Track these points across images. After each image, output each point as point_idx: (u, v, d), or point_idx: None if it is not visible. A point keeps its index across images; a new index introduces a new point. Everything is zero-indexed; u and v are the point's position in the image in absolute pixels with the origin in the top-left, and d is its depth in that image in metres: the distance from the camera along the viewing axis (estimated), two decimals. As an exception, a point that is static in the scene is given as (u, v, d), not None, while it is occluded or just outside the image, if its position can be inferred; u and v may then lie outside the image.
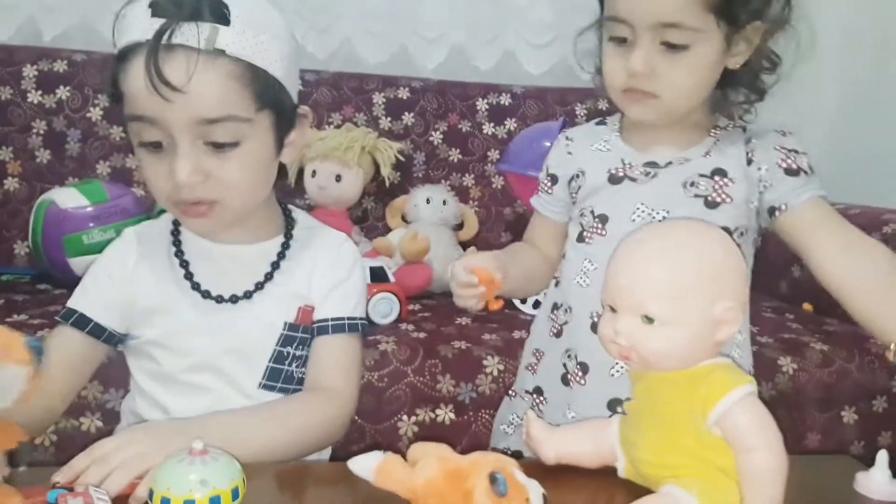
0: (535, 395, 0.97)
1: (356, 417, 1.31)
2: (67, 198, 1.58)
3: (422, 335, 1.46)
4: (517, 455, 0.95)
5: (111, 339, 0.86)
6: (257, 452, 0.73)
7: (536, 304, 1.70)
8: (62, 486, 0.59)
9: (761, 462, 0.60)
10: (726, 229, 0.81)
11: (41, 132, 1.87)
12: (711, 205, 0.86)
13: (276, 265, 0.86)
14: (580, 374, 0.90)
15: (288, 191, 1.90)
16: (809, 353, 1.49)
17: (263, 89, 0.78)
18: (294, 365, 0.86)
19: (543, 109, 2.16)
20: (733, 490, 0.63)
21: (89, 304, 0.85)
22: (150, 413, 0.85)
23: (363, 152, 1.81)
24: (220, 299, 0.84)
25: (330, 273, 0.88)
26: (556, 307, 0.96)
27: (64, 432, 1.22)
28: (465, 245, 1.94)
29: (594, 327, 0.88)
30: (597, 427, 0.75)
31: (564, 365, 0.92)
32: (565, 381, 0.92)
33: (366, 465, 0.65)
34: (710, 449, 0.64)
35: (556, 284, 0.98)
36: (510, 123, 2.14)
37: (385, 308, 1.55)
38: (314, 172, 1.81)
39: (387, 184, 1.88)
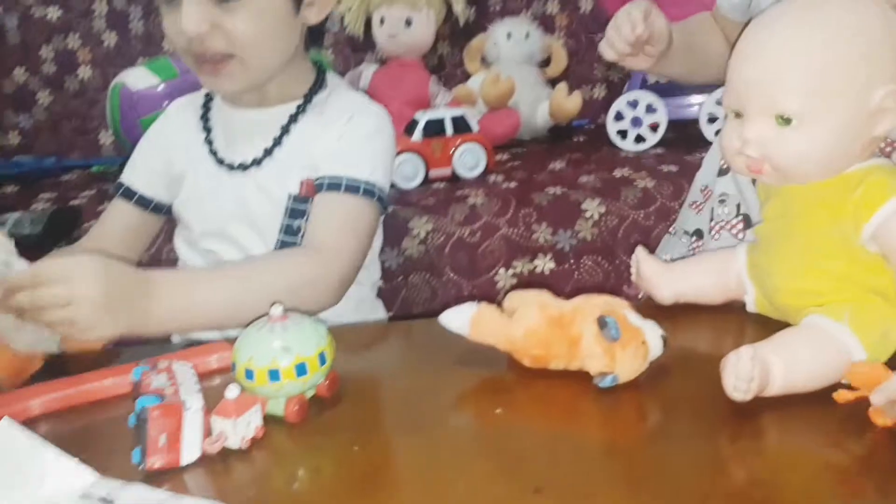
0: (693, 238, 0.86)
1: (452, 274, 1.28)
2: (137, 78, 1.58)
3: (512, 185, 1.39)
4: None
5: (160, 208, 0.88)
6: (220, 317, 0.68)
7: (639, 140, 1.57)
8: (147, 364, 0.57)
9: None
10: None
11: (103, 14, 1.83)
12: None
13: (286, 129, 0.81)
14: (740, 226, 0.78)
15: (356, 45, 1.79)
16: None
17: None
18: None
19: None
20: (893, 315, 0.53)
21: (135, 176, 0.88)
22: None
23: (432, -10, 1.66)
24: (230, 166, 0.82)
25: (338, 131, 0.80)
26: None
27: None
28: (553, 82, 1.79)
29: None
30: (719, 258, 0.67)
31: (712, 210, 0.80)
32: (707, 227, 0.81)
33: (459, 319, 0.60)
34: (864, 269, 0.54)
35: None
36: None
37: (471, 160, 1.48)
38: (382, 20, 1.69)
39: (461, 23, 1.73)
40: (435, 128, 1.46)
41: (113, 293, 0.60)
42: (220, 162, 0.82)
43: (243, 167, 0.81)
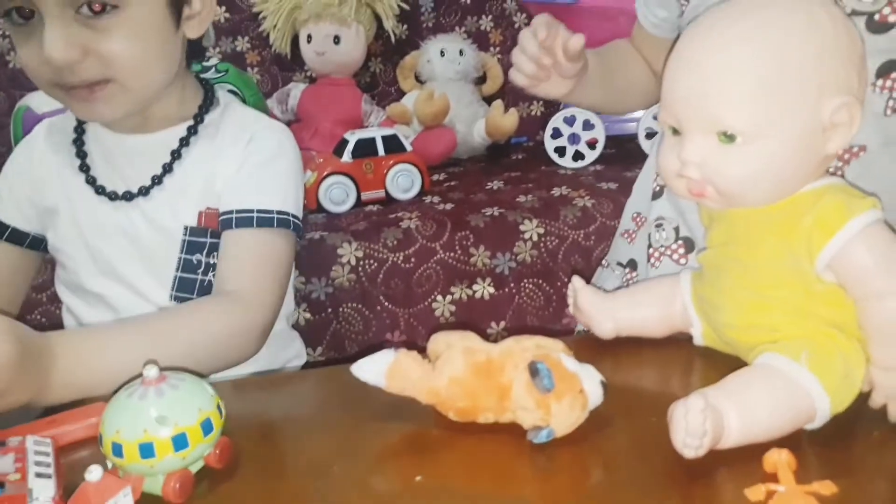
0: (627, 269, 0.79)
1: (386, 303, 1.21)
2: (42, 101, 1.49)
3: (448, 206, 1.33)
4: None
5: (36, 243, 0.79)
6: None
7: (578, 157, 1.53)
8: (-6, 440, 0.48)
9: (896, 309, 0.45)
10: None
11: (6, 34, 1.70)
12: (876, 28, 0.59)
13: (175, 155, 0.73)
14: (682, 250, 0.72)
15: (284, 64, 1.73)
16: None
17: None
18: (211, 273, 0.73)
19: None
20: (854, 350, 0.48)
21: (3, 209, 0.78)
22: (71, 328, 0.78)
23: (360, 5, 1.62)
24: (113, 196, 0.73)
25: (239, 156, 0.73)
26: None
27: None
28: (489, 100, 1.76)
29: None
30: (662, 287, 0.61)
31: (649, 236, 0.75)
32: (647, 255, 0.75)
33: (373, 369, 0.53)
34: (821, 301, 0.49)
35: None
36: (526, -52, 1.87)
37: (405, 182, 1.43)
38: (309, 37, 1.64)
39: (393, 39, 1.69)
40: (366, 148, 1.40)
41: (22, 355, 0.53)
42: (100, 191, 0.74)
43: (128, 197, 0.73)
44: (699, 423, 0.43)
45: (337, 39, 1.62)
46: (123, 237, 0.74)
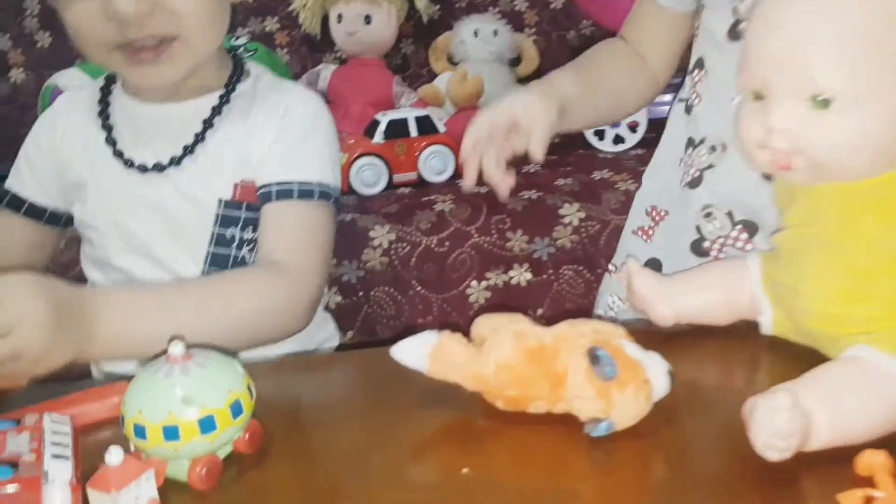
0: None
1: (419, 287, 1.20)
2: (70, 79, 1.53)
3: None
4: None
5: (56, 219, 0.77)
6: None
7: (618, 140, 1.49)
8: (7, 419, 0.45)
9: None
10: None
11: (35, 13, 1.75)
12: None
13: (208, 124, 0.71)
14: (744, 236, 0.66)
15: (314, 44, 1.74)
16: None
17: None
18: (245, 249, 0.72)
19: None
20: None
21: (22, 183, 0.76)
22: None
23: (392, -17, 1.62)
24: (143, 168, 0.71)
25: (275, 128, 0.72)
26: (691, 143, 0.71)
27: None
28: (523, 81, 1.73)
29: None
30: (727, 270, 0.56)
31: (698, 228, 0.69)
32: (699, 250, 0.69)
33: (415, 352, 0.49)
34: None
35: (688, 110, 0.72)
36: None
37: (438, 163, 1.42)
38: (339, 17, 1.65)
39: (425, 19, 1.70)
40: (398, 129, 1.39)
41: (59, 312, 0.52)
42: (129, 164, 0.72)
43: (159, 168, 0.71)
44: (786, 422, 0.39)
45: (368, 19, 1.62)
46: (154, 211, 0.72)
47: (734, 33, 0.65)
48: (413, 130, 1.39)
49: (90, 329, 0.55)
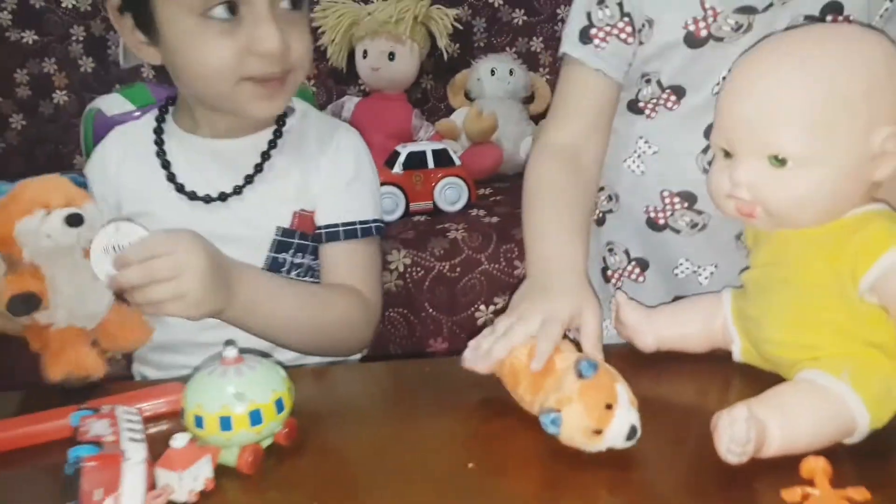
0: None
1: (430, 309, 1.25)
2: (112, 104, 1.53)
3: (494, 220, 1.36)
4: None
5: None
6: (292, 327, 0.70)
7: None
8: (87, 408, 0.53)
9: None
10: None
11: (80, 38, 1.80)
12: None
13: (266, 156, 0.76)
14: (637, 270, 0.77)
15: (339, 77, 1.79)
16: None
17: None
18: (294, 273, 0.77)
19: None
20: (894, 370, 0.50)
21: None
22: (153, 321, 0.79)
23: (416, 23, 1.65)
24: (207, 199, 0.75)
25: (332, 171, 0.77)
26: (598, 189, 0.78)
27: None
28: (536, 119, 1.78)
29: (652, 223, 0.73)
30: (704, 304, 0.63)
31: (604, 259, 0.79)
32: (605, 276, 0.79)
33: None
34: (863, 322, 0.51)
35: None
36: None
37: (453, 194, 1.47)
38: (365, 53, 1.68)
39: (445, 57, 1.72)
40: (416, 161, 1.45)
41: (214, 268, 0.62)
42: (192, 196, 0.75)
43: (222, 198, 0.75)
44: (743, 431, 0.45)
45: (392, 56, 1.65)
46: (215, 238, 0.73)
47: (634, 106, 0.73)
48: (430, 162, 1.44)
49: (233, 291, 0.64)
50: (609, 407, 0.48)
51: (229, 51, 0.67)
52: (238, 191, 0.75)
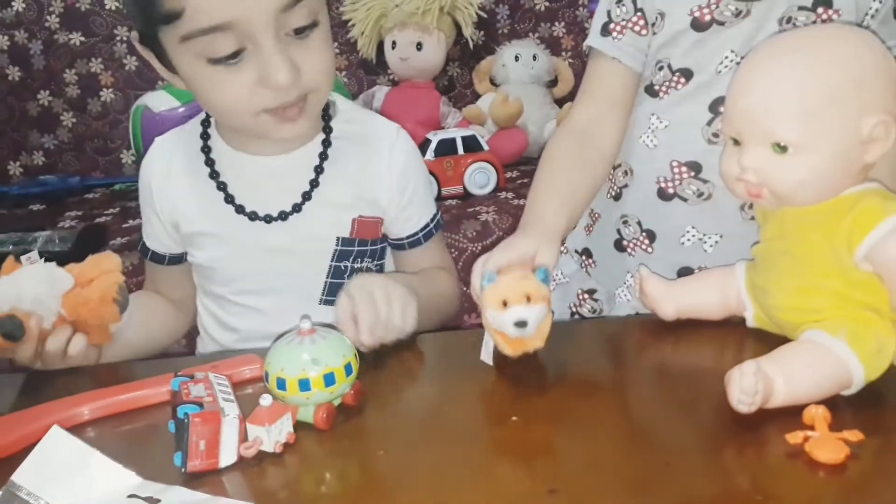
0: (583, 257, 0.92)
1: (465, 288, 1.29)
2: (159, 101, 1.61)
3: (522, 202, 1.39)
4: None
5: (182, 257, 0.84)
6: (434, 316, 0.80)
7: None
8: (184, 375, 0.61)
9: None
10: None
11: (124, 38, 1.88)
12: None
13: (319, 169, 0.77)
14: (646, 241, 0.83)
15: (369, 68, 1.85)
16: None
17: None
18: (354, 277, 0.78)
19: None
20: (888, 330, 0.56)
21: (154, 241, 0.83)
22: (213, 328, 0.85)
23: (442, 13, 1.71)
24: (268, 219, 0.76)
25: (393, 179, 0.79)
26: (615, 166, 0.84)
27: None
28: (560, 102, 1.83)
29: (662, 193, 0.79)
30: (719, 276, 0.69)
31: (618, 231, 0.85)
32: (620, 246, 0.86)
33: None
34: (858, 288, 0.57)
35: None
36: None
37: (482, 178, 1.52)
38: (394, 44, 1.74)
39: (471, 45, 1.79)
40: (447, 147, 1.50)
41: (410, 294, 0.70)
42: (253, 216, 0.76)
43: (283, 216, 0.76)
44: (752, 383, 0.51)
45: (419, 46, 1.71)
46: (277, 255, 0.77)
47: (649, 88, 0.80)
48: (460, 148, 1.50)
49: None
50: (504, 303, 0.60)
51: (243, 87, 0.66)
52: (298, 209, 0.76)
